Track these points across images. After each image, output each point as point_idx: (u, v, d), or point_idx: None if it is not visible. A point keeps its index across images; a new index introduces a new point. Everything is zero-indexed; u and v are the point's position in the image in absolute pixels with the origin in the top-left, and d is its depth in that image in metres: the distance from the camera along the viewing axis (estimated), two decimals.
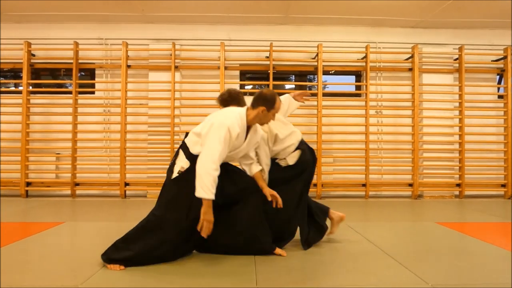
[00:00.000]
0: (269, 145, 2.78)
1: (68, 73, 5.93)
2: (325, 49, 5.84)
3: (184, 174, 2.43)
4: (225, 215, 2.59)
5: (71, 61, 5.68)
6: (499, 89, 6.19)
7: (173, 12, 5.59)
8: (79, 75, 5.89)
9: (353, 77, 6.38)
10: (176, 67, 5.80)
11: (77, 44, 5.72)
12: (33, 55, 5.84)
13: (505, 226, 3.91)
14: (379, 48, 6.08)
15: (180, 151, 2.55)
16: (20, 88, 5.81)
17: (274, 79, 5.80)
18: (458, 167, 5.93)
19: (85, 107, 5.87)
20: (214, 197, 2.27)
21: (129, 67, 5.83)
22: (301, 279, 2.24)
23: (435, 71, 6.02)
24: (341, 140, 5.91)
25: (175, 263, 2.46)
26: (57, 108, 5.85)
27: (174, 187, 2.48)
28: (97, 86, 6.02)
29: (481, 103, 6.08)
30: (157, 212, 2.47)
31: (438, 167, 5.94)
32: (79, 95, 5.80)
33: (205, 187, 2.25)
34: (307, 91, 3.99)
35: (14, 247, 2.87)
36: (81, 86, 5.91)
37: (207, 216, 2.30)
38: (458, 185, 5.87)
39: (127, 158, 5.74)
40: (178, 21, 5.91)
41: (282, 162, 2.84)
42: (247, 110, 2.52)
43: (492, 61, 6.12)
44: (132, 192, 5.81)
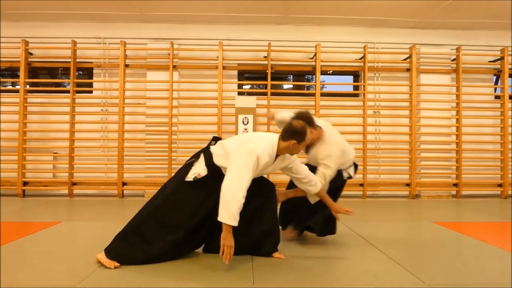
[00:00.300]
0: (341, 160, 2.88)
1: (65, 72, 5.91)
2: (323, 49, 5.85)
3: (200, 180, 2.43)
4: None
5: (69, 60, 5.67)
6: (496, 89, 6.22)
7: (171, 11, 5.58)
8: (77, 74, 5.87)
9: (351, 77, 6.40)
10: (174, 67, 5.79)
11: (75, 43, 5.71)
12: (31, 53, 5.82)
13: (502, 226, 3.93)
14: (377, 48, 6.09)
15: (202, 156, 2.53)
16: (18, 87, 5.79)
17: (272, 79, 5.80)
18: (455, 167, 5.95)
19: (83, 106, 5.85)
20: (237, 224, 2.26)
21: (127, 66, 5.81)
22: (298, 279, 2.25)
23: (432, 72, 6.04)
24: None
25: (172, 263, 2.45)
26: (54, 107, 5.83)
27: (187, 189, 2.46)
28: (95, 85, 6.00)
29: (478, 103, 6.11)
30: (160, 208, 2.45)
31: (436, 167, 5.96)
32: (76, 94, 5.78)
33: (230, 213, 2.23)
34: None
35: (11, 247, 2.86)
36: (78, 85, 5.90)
37: (228, 241, 2.27)
38: (455, 184, 5.90)
39: (124, 157, 5.72)
40: (177, 20, 5.90)
41: (345, 174, 3.02)
42: (278, 139, 2.49)
43: (489, 61, 6.15)
44: (129, 192, 5.79)
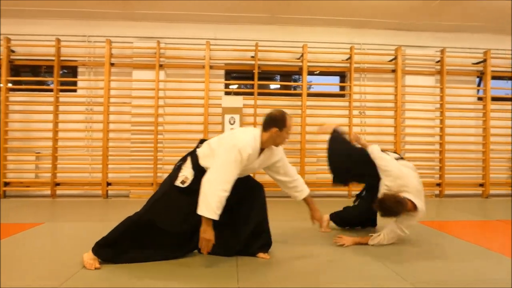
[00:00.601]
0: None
1: (49, 70, 5.80)
2: (310, 49, 5.88)
3: (187, 189, 2.41)
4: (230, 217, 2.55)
5: (53, 58, 5.56)
6: (478, 91, 6.35)
7: (158, 10, 5.52)
8: (60, 72, 5.76)
9: (337, 78, 6.45)
10: (161, 66, 5.74)
11: (59, 41, 5.60)
12: (13, 51, 5.68)
13: (483, 224, 4.06)
14: (363, 49, 6.15)
15: (188, 158, 2.51)
16: None
17: (259, 79, 5.81)
18: (438, 167, 6.06)
19: (67, 105, 5.75)
20: (217, 218, 2.24)
21: (112, 65, 5.73)
22: (281, 279, 2.25)
23: (417, 73, 6.13)
24: (324, 140, 5.89)
25: (156, 263, 2.43)
26: (37, 106, 5.71)
27: (176, 194, 2.44)
28: (79, 84, 5.90)
29: (461, 104, 6.22)
30: (149, 213, 2.42)
31: (419, 167, 6.00)
32: (60, 93, 5.68)
33: (209, 206, 2.22)
34: None
35: None
36: (62, 84, 5.79)
37: (207, 235, 2.26)
38: (439, 184, 6.00)
39: (109, 157, 5.65)
40: (163, 19, 5.85)
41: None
42: (261, 131, 2.48)
43: (472, 64, 6.27)
44: (114, 192, 5.72)
